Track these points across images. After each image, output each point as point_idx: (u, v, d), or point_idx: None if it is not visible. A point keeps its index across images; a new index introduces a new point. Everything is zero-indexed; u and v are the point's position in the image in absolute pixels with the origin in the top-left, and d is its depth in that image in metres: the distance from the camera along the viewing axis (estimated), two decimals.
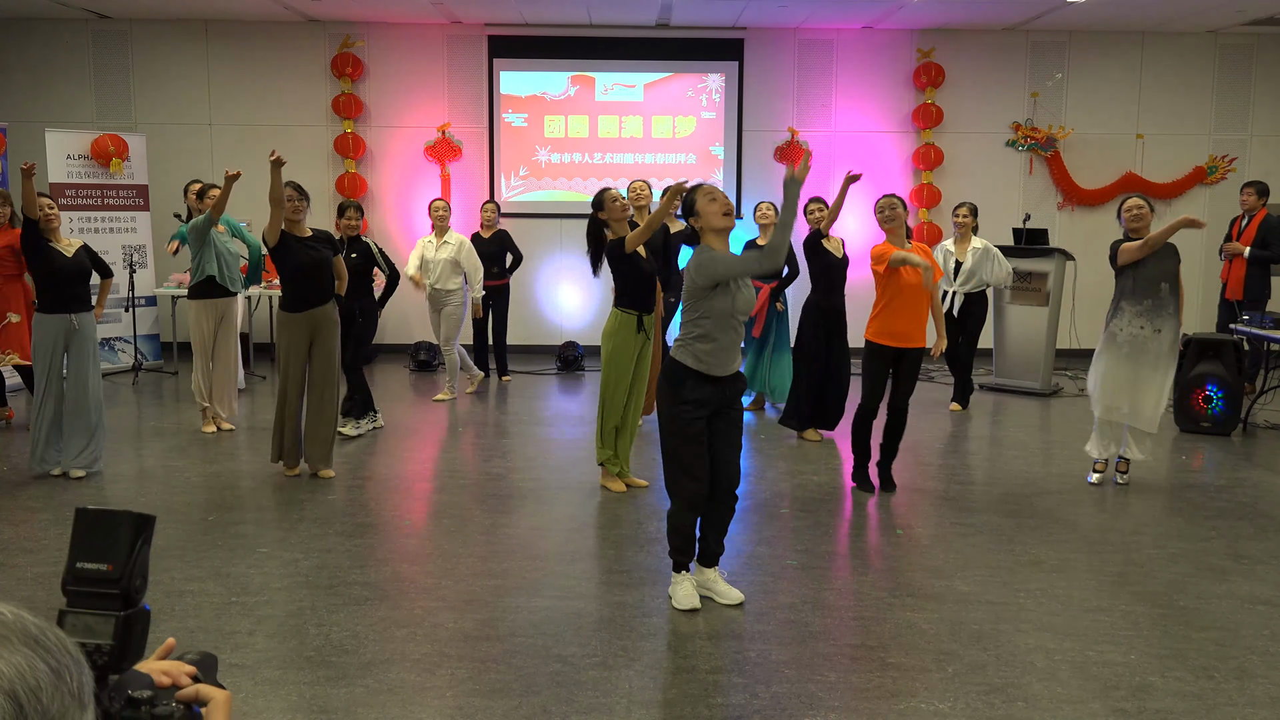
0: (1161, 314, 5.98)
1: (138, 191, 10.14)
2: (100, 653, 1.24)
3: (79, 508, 1.29)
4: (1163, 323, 5.99)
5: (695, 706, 3.51)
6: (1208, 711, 3.52)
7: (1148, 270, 5.98)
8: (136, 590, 1.29)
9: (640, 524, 5.52)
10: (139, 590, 1.29)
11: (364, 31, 10.96)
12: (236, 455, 6.92)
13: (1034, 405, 8.89)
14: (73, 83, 10.92)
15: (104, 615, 1.25)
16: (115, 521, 1.29)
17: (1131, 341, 6.03)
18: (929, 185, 11.11)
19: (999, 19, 10.54)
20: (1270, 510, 5.90)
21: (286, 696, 3.55)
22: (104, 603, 1.26)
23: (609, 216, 5.99)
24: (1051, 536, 5.37)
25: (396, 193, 11.03)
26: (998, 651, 3.97)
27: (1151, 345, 6.01)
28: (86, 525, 1.29)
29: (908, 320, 5.92)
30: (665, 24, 10.84)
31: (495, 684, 3.65)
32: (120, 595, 1.26)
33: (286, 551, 5.02)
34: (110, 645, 1.25)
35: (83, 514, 1.30)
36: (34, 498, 5.92)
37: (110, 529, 1.29)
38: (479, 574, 4.74)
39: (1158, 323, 5.98)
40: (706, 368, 4.17)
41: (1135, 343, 6.02)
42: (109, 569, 1.27)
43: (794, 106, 11.17)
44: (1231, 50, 11.13)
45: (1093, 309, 10.75)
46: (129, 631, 1.27)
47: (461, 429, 7.81)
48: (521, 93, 11.06)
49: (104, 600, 1.26)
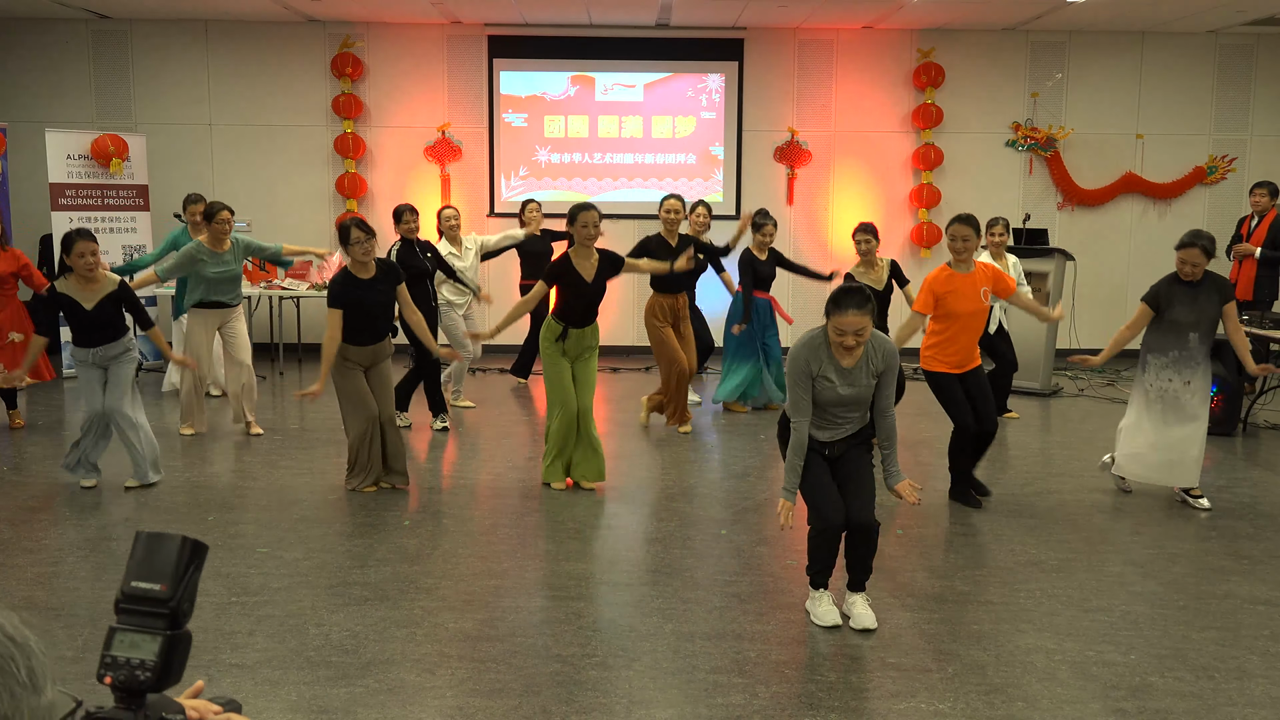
0: (1189, 364, 5.70)
1: (138, 192, 10.14)
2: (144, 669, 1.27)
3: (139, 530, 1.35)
4: (1192, 374, 5.71)
5: (695, 706, 3.51)
6: (1208, 711, 3.52)
7: (1175, 315, 5.67)
8: (184, 613, 1.32)
9: (640, 524, 5.52)
10: (186, 614, 1.32)
11: (364, 31, 10.96)
12: (237, 456, 6.92)
13: (1034, 405, 8.89)
14: (73, 83, 10.92)
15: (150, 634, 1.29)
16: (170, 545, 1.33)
17: (1163, 397, 5.79)
18: (929, 185, 11.11)
19: (999, 19, 10.54)
20: (1270, 510, 5.90)
21: (286, 696, 3.55)
22: (152, 622, 1.30)
23: (576, 236, 6.01)
24: (1051, 536, 5.37)
25: (396, 193, 11.02)
26: (998, 651, 3.97)
27: (1184, 398, 5.74)
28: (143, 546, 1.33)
29: (963, 351, 5.75)
30: (665, 24, 10.84)
31: (495, 684, 3.66)
32: (169, 616, 1.30)
33: (286, 551, 5.02)
34: (154, 662, 1.28)
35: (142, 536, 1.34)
36: (34, 498, 5.92)
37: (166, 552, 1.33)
38: (479, 574, 4.74)
39: (1186, 374, 5.72)
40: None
41: (1166, 397, 5.78)
42: (161, 589, 1.30)
43: (794, 106, 11.17)
44: (1231, 50, 11.13)
45: (1093, 309, 10.76)
46: (172, 652, 1.30)
47: (462, 429, 7.82)
48: (521, 93, 11.06)
49: (152, 619, 1.30)
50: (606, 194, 11.00)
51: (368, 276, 5.97)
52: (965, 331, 5.73)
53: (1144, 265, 11.20)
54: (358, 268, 5.96)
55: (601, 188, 11.02)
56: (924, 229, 11.08)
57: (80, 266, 5.77)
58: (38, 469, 6.53)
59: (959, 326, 5.72)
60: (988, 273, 5.75)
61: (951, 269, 5.72)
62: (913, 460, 6.92)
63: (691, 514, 5.74)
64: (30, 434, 7.48)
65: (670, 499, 6.00)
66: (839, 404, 4.12)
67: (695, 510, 5.82)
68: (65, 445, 7.16)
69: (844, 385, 4.08)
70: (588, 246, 6.00)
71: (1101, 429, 7.99)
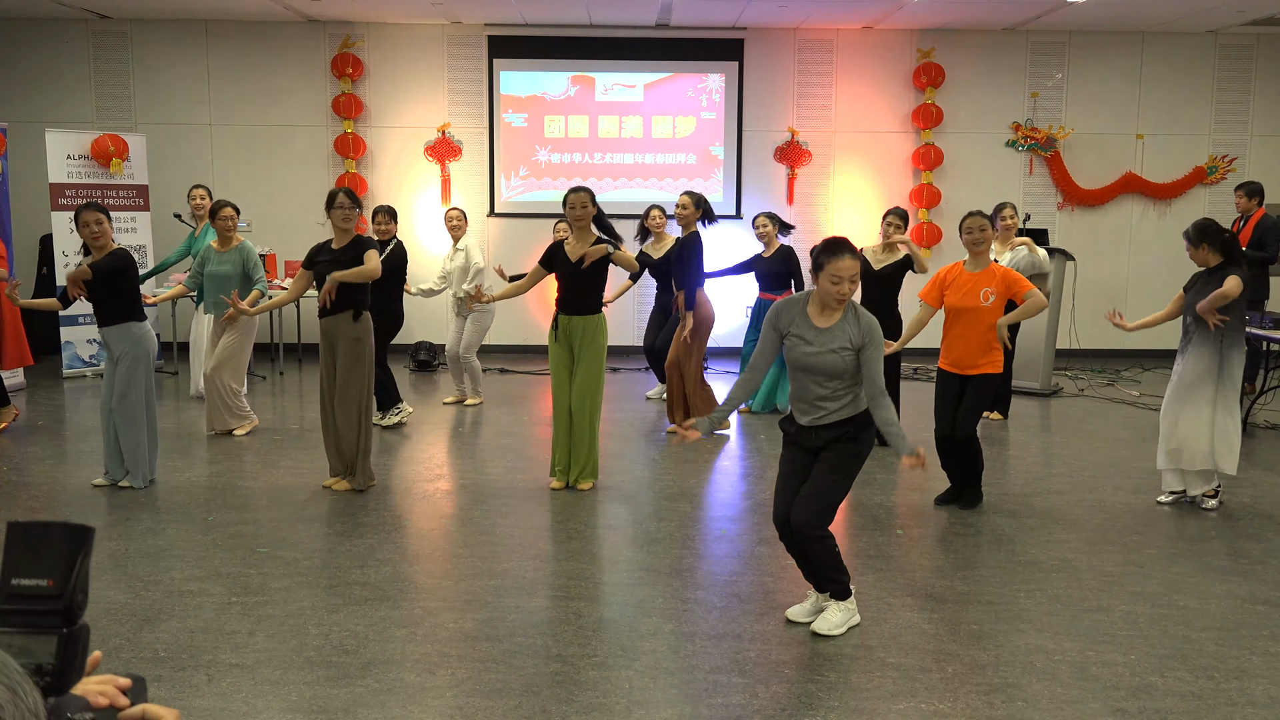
0: (1186, 348, 5.80)
1: (137, 192, 10.14)
2: (41, 674, 1.16)
3: (10, 521, 1.21)
4: (1184, 357, 5.80)
5: (695, 706, 3.51)
6: (1208, 711, 3.52)
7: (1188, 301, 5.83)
8: (79, 606, 1.20)
9: (640, 524, 5.52)
10: (81, 606, 1.20)
11: (364, 31, 10.96)
12: (237, 456, 6.92)
13: (1034, 405, 8.89)
14: (73, 83, 10.92)
15: (43, 634, 1.17)
16: (52, 534, 1.20)
17: (1175, 379, 5.88)
18: (929, 185, 11.11)
19: (999, 19, 10.55)
20: (1270, 510, 5.90)
21: (286, 696, 3.55)
22: (44, 620, 1.18)
23: (568, 218, 6.11)
24: (1051, 536, 5.37)
25: (396, 193, 11.01)
26: (998, 651, 3.97)
27: (1179, 379, 5.82)
28: (20, 538, 1.20)
29: (962, 348, 5.72)
30: (665, 24, 10.84)
31: (495, 684, 3.66)
32: (62, 612, 1.18)
33: (286, 551, 5.01)
34: (52, 665, 1.16)
35: (15, 527, 1.20)
36: (34, 498, 5.92)
37: (48, 542, 1.20)
38: (479, 574, 4.74)
39: (1184, 356, 5.82)
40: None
41: (1175, 379, 5.87)
42: (49, 584, 1.18)
43: (794, 107, 11.17)
44: (1231, 50, 11.13)
45: (1093, 309, 10.75)
46: (71, 650, 1.18)
47: (462, 429, 7.82)
48: (521, 93, 11.06)
49: (43, 618, 1.18)
50: (607, 194, 10.99)
51: (338, 246, 5.99)
52: (960, 327, 5.73)
53: (1144, 265, 11.20)
54: (336, 235, 6.00)
55: (602, 188, 11.01)
56: (924, 229, 11.08)
57: (84, 236, 5.88)
58: (38, 469, 6.53)
59: (953, 321, 5.75)
60: (998, 276, 5.71)
61: (964, 265, 5.78)
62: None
63: (691, 514, 5.74)
64: (30, 434, 7.48)
65: (670, 499, 6.00)
66: (808, 369, 4.03)
67: (695, 510, 5.82)
68: (65, 445, 7.17)
69: (814, 346, 4.02)
70: (581, 229, 6.01)
71: (1102, 429, 8.00)
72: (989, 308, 5.66)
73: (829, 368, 4.02)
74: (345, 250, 5.94)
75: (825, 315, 4.06)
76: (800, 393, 4.12)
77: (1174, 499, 5.96)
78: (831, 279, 3.97)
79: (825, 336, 4.02)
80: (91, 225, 5.82)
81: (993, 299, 5.67)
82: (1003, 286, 5.69)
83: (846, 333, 4.02)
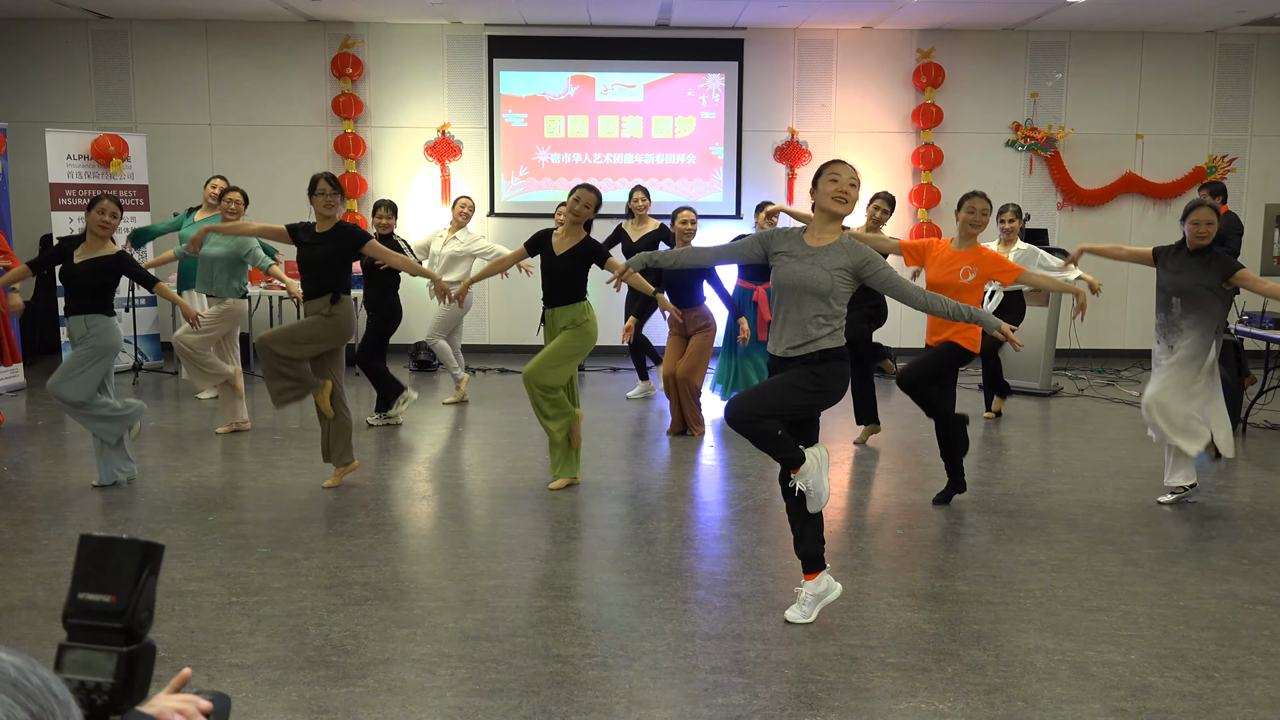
0: (1173, 331, 5.76)
1: (138, 192, 10.14)
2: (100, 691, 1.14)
3: (82, 534, 1.18)
4: (1176, 339, 5.76)
5: (695, 706, 3.51)
6: (1208, 711, 3.52)
7: (1161, 281, 5.83)
8: (141, 624, 1.19)
9: (640, 524, 5.52)
10: (144, 624, 1.19)
11: (364, 31, 10.96)
12: (237, 456, 6.92)
13: (1034, 405, 8.89)
14: (73, 83, 10.92)
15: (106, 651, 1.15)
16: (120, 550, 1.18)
17: (1158, 360, 5.88)
18: (929, 186, 11.11)
19: (999, 19, 10.55)
20: (1270, 510, 5.90)
21: (286, 696, 3.55)
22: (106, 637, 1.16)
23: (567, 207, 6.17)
24: (1051, 536, 5.37)
25: (396, 193, 11.00)
26: (998, 651, 3.97)
27: (1166, 361, 5.80)
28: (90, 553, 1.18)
29: (936, 322, 5.71)
30: (665, 24, 10.84)
31: (495, 684, 3.66)
32: (123, 630, 1.17)
33: (286, 551, 5.01)
34: (110, 684, 1.15)
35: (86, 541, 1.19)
36: (34, 498, 5.92)
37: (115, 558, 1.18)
38: (479, 574, 4.74)
39: (1171, 339, 5.78)
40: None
41: (1159, 361, 5.86)
42: (112, 601, 1.17)
43: (794, 107, 11.17)
44: (1231, 50, 11.13)
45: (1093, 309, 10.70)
46: (132, 669, 1.17)
47: (463, 428, 7.82)
48: (521, 93, 11.06)
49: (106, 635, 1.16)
50: (607, 194, 10.87)
51: (321, 231, 5.99)
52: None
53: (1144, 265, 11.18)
54: (318, 220, 6.00)
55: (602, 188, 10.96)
56: (924, 229, 11.07)
57: (95, 222, 5.84)
58: (37, 469, 6.53)
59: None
60: (982, 257, 5.66)
61: (950, 243, 5.78)
62: (914, 460, 6.92)
63: (691, 514, 5.74)
64: (30, 434, 7.47)
65: (670, 499, 6.00)
66: (795, 286, 4.00)
67: (695, 510, 5.82)
68: (65, 445, 7.17)
69: (800, 262, 4.03)
70: (575, 224, 6.00)
71: (1101, 429, 7.99)
72: (967, 285, 5.60)
73: (816, 283, 3.98)
74: (329, 235, 5.96)
75: (819, 237, 4.09)
76: (781, 323, 4.08)
77: (1175, 499, 5.95)
78: (830, 178, 4.03)
79: (817, 254, 4.05)
80: (107, 216, 5.85)
81: (972, 277, 5.63)
82: (985, 266, 5.65)
83: (841, 257, 4.04)
